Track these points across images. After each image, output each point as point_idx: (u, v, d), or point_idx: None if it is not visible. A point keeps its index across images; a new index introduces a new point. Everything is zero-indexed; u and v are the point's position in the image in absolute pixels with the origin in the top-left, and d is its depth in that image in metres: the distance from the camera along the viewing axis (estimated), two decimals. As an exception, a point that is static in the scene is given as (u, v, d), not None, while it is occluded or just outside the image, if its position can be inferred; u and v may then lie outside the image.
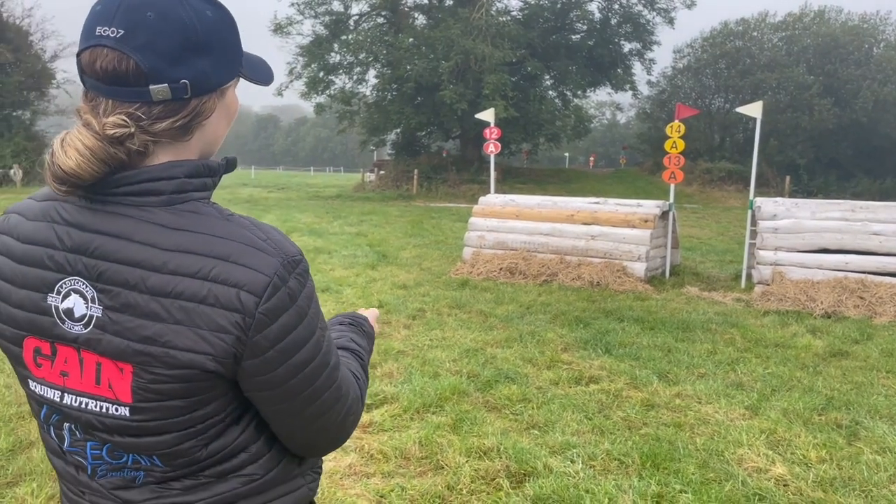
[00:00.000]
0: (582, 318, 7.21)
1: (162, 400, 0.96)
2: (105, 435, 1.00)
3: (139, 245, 0.93)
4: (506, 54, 29.21)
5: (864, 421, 4.41)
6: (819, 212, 8.78)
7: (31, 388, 1.04)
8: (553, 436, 4.10)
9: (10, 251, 1.01)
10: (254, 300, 0.92)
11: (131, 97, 0.93)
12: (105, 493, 1.04)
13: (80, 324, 0.95)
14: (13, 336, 1.02)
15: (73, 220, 0.96)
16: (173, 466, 1.01)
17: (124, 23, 0.91)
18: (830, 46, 36.81)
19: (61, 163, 0.91)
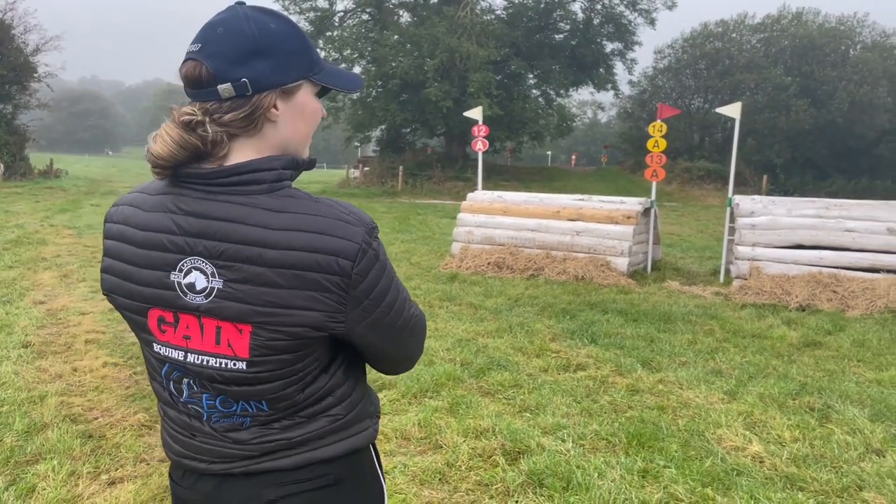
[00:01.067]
0: (568, 310, 7.47)
1: (275, 354, 1.17)
2: (222, 386, 1.20)
3: (253, 227, 1.13)
4: (490, 53, 29.47)
5: (836, 405, 4.69)
6: (795, 209, 9.10)
7: (156, 351, 1.24)
8: (544, 418, 4.34)
9: (130, 238, 1.21)
10: (349, 264, 1.14)
11: (206, 96, 1.14)
12: (216, 435, 1.25)
13: (200, 295, 1.16)
14: (138, 308, 1.22)
15: (189, 210, 1.15)
16: (276, 409, 1.23)
17: (202, 38, 1.15)
18: (808, 48, 37.49)
19: (151, 148, 1.14)
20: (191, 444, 1.28)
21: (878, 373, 5.52)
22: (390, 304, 1.24)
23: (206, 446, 1.26)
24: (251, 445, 1.24)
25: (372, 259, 1.17)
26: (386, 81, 31.44)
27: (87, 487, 3.31)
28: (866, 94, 34.86)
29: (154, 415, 4.23)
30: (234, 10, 1.17)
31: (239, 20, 1.15)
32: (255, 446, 1.24)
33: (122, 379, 4.91)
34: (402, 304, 1.27)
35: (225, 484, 1.27)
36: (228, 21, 1.15)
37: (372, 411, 1.38)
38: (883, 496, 3.39)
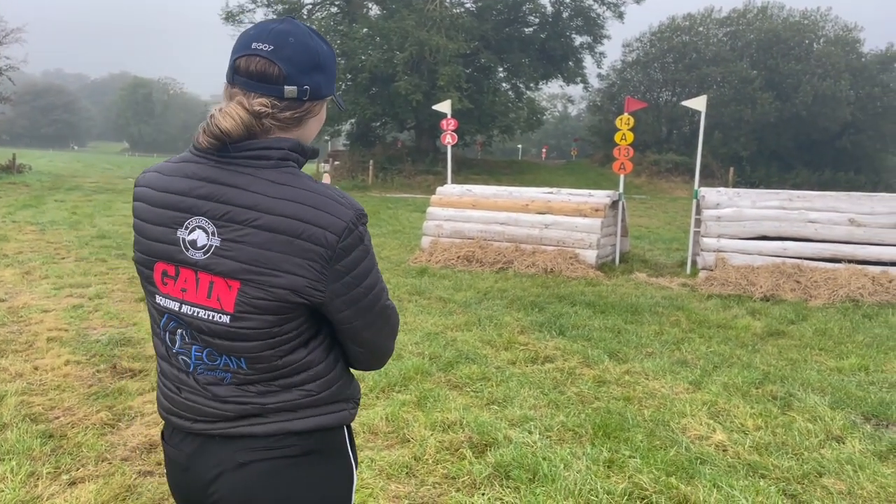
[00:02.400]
0: (537, 302, 7.50)
1: (257, 313, 1.28)
2: (208, 338, 1.32)
3: (254, 194, 1.27)
4: (460, 46, 29.42)
5: (798, 393, 4.78)
6: (759, 201, 9.25)
7: (157, 302, 1.37)
8: (512, 410, 4.36)
9: (148, 198, 1.37)
10: (335, 238, 1.26)
11: (269, 92, 1.30)
12: (199, 389, 1.36)
13: (200, 251, 1.29)
14: (147, 261, 1.37)
15: (202, 175, 1.31)
16: (254, 370, 1.33)
17: (274, 41, 1.30)
18: (773, 41, 38.03)
19: (219, 124, 1.27)
20: (178, 401, 1.40)
21: (839, 361, 5.63)
22: (369, 287, 1.35)
23: (191, 403, 1.38)
24: (229, 404, 1.34)
25: (357, 239, 1.30)
26: (355, 75, 31.23)
27: (47, 488, 3.24)
28: (829, 87, 35.46)
29: (116, 413, 4.17)
30: (297, 24, 1.34)
31: (306, 35, 1.33)
32: (233, 406, 1.34)
33: (84, 377, 4.82)
34: (380, 291, 1.38)
35: (206, 445, 1.37)
36: (296, 33, 1.32)
37: (349, 395, 1.45)
38: (842, 482, 3.46)
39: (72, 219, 14.19)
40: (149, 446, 3.73)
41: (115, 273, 8.59)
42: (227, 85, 1.34)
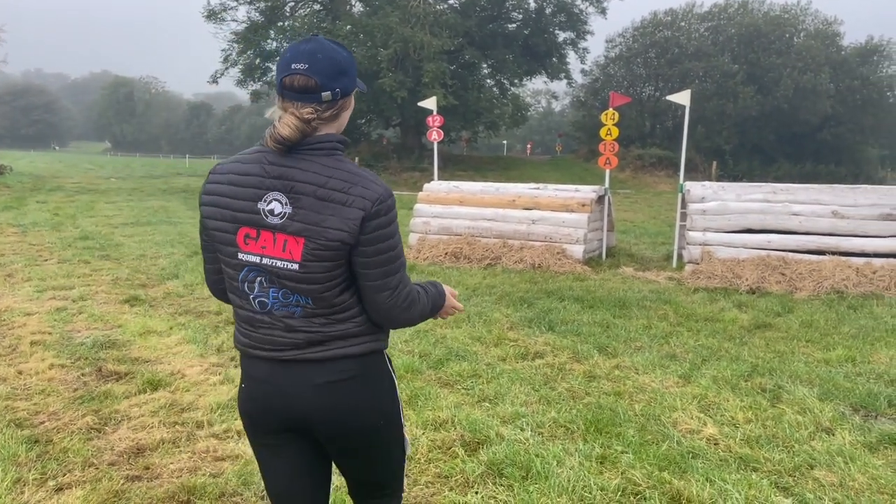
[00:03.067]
0: (525, 298, 7.50)
1: (318, 261, 1.71)
2: (284, 281, 1.74)
3: (313, 174, 1.71)
4: (444, 42, 29.38)
5: (787, 385, 4.80)
6: (743, 194, 9.29)
7: (239, 258, 1.77)
8: (503, 407, 4.35)
9: (233, 181, 1.77)
10: (369, 204, 1.71)
11: (312, 100, 1.72)
12: (275, 323, 1.78)
13: (277, 217, 1.71)
14: (232, 227, 1.76)
15: (275, 162, 1.73)
16: (318, 306, 1.76)
17: (307, 60, 1.71)
18: (753, 36, 38.30)
19: (281, 132, 1.69)
20: (255, 336, 1.81)
21: (826, 352, 5.67)
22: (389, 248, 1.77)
23: (266, 336, 1.79)
24: (299, 333, 1.76)
25: (385, 209, 1.75)
26: (339, 72, 31.09)
27: (34, 495, 3.19)
28: (810, 80, 35.77)
29: (102, 417, 4.11)
30: (321, 41, 1.76)
31: (329, 49, 1.75)
32: (302, 334, 1.76)
33: (69, 381, 4.76)
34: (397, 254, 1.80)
35: (281, 367, 1.79)
36: (322, 50, 1.74)
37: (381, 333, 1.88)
38: (833, 474, 3.47)
39: (54, 220, 14.03)
40: (136, 451, 3.68)
41: (99, 274, 8.49)
42: (279, 97, 1.76)
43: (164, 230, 12.75)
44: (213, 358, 5.32)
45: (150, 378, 4.74)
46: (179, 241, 11.36)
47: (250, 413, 1.89)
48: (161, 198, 20.90)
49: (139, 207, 17.32)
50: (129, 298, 7.20)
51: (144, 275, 8.55)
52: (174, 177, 34.31)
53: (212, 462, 3.57)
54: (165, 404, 4.33)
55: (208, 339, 5.80)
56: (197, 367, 5.09)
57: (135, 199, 19.91)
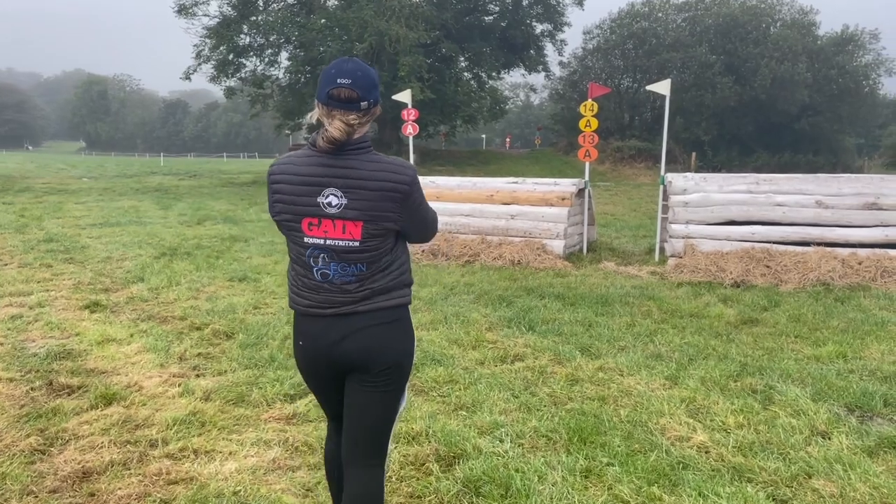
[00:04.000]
0: (505, 296, 7.25)
1: (373, 237, 2.17)
2: (344, 255, 2.18)
3: (361, 170, 2.13)
4: (420, 35, 29.02)
5: (777, 385, 4.59)
6: (726, 185, 9.10)
7: (305, 241, 2.20)
8: (481, 416, 4.09)
9: (292, 181, 2.18)
10: (406, 187, 2.18)
11: (354, 109, 2.12)
12: (335, 288, 2.22)
13: (335, 208, 2.14)
14: (296, 218, 2.19)
15: (328, 164, 2.14)
16: (370, 269, 2.22)
17: (350, 76, 2.12)
18: (731, 26, 38.30)
19: (332, 135, 2.09)
20: (316, 298, 2.24)
21: (816, 348, 5.47)
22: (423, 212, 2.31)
23: (328, 298, 2.22)
24: (355, 294, 2.21)
25: (416, 186, 2.23)
26: (314, 66, 30.63)
27: (-38, 531, 2.88)
28: (787, 70, 35.84)
29: (48, 437, 3.79)
30: (358, 62, 2.17)
31: (366, 68, 2.17)
32: (356, 294, 2.21)
33: (16, 396, 4.43)
34: (426, 212, 2.34)
35: (335, 320, 2.23)
36: (361, 68, 2.15)
37: (409, 280, 2.37)
38: (832, 483, 3.25)
39: (19, 222, 13.56)
40: (82, 475, 3.37)
41: (60, 279, 8.12)
42: (323, 105, 2.15)
43: (133, 231, 12.35)
44: (173, 367, 5.01)
45: (104, 392, 4.42)
46: (148, 241, 10.98)
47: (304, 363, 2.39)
48: (133, 197, 20.41)
49: (109, 208, 16.85)
50: (89, 304, 6.85)
51: (108, 278, 8.19)
52: (148, 176, 33.70)
53: (163, 486, 3.27)
54: (118, 421, 4.02)
55: (170, 346, 5.49)
56: (155, 379, 4.78)
57: (105, 199, 19.41)
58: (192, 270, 8.61)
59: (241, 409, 4.25)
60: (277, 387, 4.55)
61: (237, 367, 5.04)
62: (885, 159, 47.18)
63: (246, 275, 8.34)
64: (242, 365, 5.08)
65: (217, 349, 5.50)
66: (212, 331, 5.94)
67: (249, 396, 4.45)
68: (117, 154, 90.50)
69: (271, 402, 4.35)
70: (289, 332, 5.88)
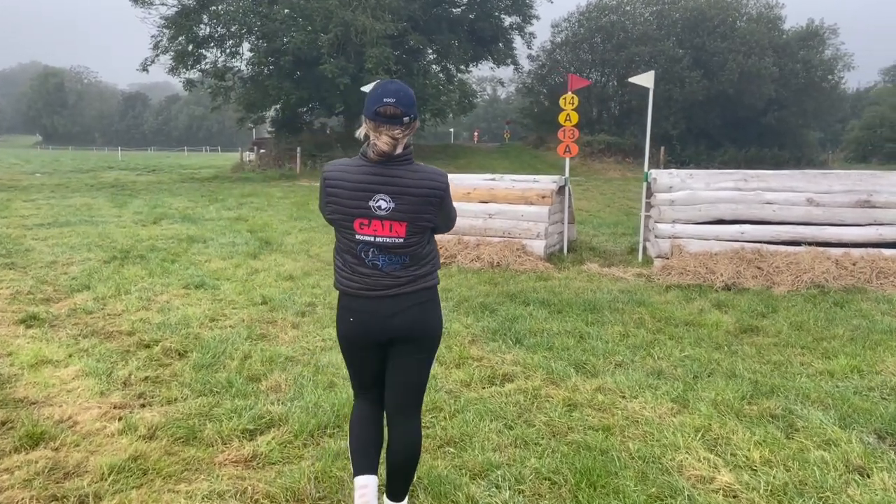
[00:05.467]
0: (487, 304, 6.72)
1: (416, 234, 2.59)
2: (391, 249, 2.58)
3: (406, 179, 2.53)
4: (387, 27, 28.32)
5: (796, 408, 4.13)
6: (713, 182, 8.69)
7: (357, 238, 2.57)
8: (472, 454, 3.55)
9: (345, 186, 2.55)
10: (442, 193, 2.61)
11: (398, 125, 2.48)
12: (385, 275, 2.60)
13: (384, 210, 2.52)
14: (348, 219, 2.57)
15: (378, 173, 2.52)
16: (412, 260, 2.63)
17: (395, 96, 2.47)
18: (698, 20, 38.25)
19: (382, 148, 2.47)
20: (367, 282, 2.61)
21: (827, 362, 5.04)
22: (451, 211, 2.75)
23: (378, 281, 2.60)
24: (401, 278, 2.61)
25: (447, 192, 2.64)
26: (278, 58, 29.77)
27: None
28: (754, 64, 35.89)
29: (-44, 494, 3.15)
30: (400, 83, 2.53)
31: (406, 88, 2.53)
32: (402, 279, 2.61)
33: (-74, 437, 3.77)
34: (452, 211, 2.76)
35: (382, 300, 2.61)
36: (403, 88, 2.51)
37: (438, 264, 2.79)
38: (888, 538, 2.78)
39: (-42, 222, 12.64)
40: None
41: (-3, 288, 7.37)
42: (370, 121, 2.49)
43: (84, 231, 11.54)
44: (115, 396, 4.38)
45: (31, 430, 3.79)
46: (99, 243, 10.21)
47: (353, 336, 2.71)
48: (87, 194, 19.43)
49: (60, 206, 15.92)
50: (26, 318, 6.15)
51: (51, 286, 7.47)
52: (104, 171, 32.50)
53: (91, 562, 2.68)
54: (44, 468, 3.39)
55: (113, 369, 4.85)
56: (94, 411, 4.15)
57: (57, 196, 18.42)
58: (143, 276, 7.92)
59: (191, 450, 3.65)
60: (235, 420, 3.96)
61: (189, 393, 4.43)
62: (847, 153, 47.83)
63: (203, 281, 7.68)
64: (195, 391, 4.47)
65: (167, 371, 4.88)
66: (162, 349, 5.30)
67: (202, 432, 3.85)
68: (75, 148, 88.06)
69: (227, 440, 3.76)
70: (249, 350, 5.28)
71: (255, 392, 4.45)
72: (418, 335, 2.67)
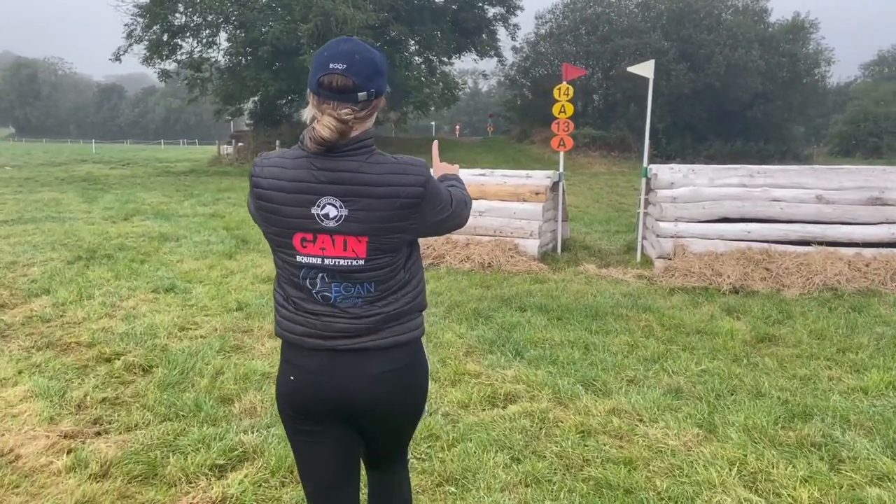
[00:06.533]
0: (480, 309, 6.23)
1: (383, 253, 1.82)
2: (347, 275, 1.82)
3: (364, 174, 1.77)
4: (368, 16, 27.66)
5: (836, 434, 3.68)
6: (717, 178, 8.26)
7: (298, 260, 1.82)
8: (477, 496, 3.06)
9: (280, 187, 1.79)
10: (420, 190, 1.81)
11: (349, 100, 1.75)
12: (339, 312, 1.83)
13: (333, 220, 1.77)
14: (286, 233, 1.82)
15: (322, 166, 1.77)
16: (379, 290, 1.85)
17: (346, 61, 1.74)
18: (684, 12, 37.87)
19: (321, 134, 1.72)
20: (314, 324, 1.84)
21: (858, 377, 4.61)
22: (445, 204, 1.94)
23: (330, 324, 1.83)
24: (361, 319, 1.83)
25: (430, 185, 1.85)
26: (256, 48, 28.96)
27: None
28: (741, 57, 35.59)
29: None
30: (357, 42, 1.80)
31: (367, 51, 1.78)
32: (364, 319, 1.83)
33: None
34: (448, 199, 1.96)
35: (339, 356, 1.84)
36: (360, 51, 1.77)
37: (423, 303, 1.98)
38: None
39: (-84, 218, 11.92)
40: None
41: (-54, 292, 6.75)
42: (314, 95, 1.78)
43: (49, 228, 10.89)
44: (66, 423, 3.84)
45: (-39, 469, 3.25)
46: (63, 242, 9.58)
47: (298, 403, 1.90)
48: (56, 188, 18.67)
49: (27, 201, 15.20)
50: (-26, 328, 5.58)
51: (8, 290, 6.86)
52: (77, 164, 31.57)
53: None
54: (-28, 520, 2.87)
55: (67, 389, 4.31)
56: (41, 441, 3.61)
57: (25, 191, 17.66)
58: (109, 279, 7.34)
59: (150, 491, 3.13)
60: (203, 453, 3.44)
61: (151, 419, 3.90)
62: (831, 147, 47.90)
63: (174, 284, 7.11)
64: (159, 415, 3.94)
65: (128, 391, 4.34)
66: (124, 364, 4.76)
67: (164, 468, 3.32)
68: (49, 140, 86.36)
69: (193, 478, 3.24)
70: (221, 365, 4.74)
71: (227, 416, 3.93)
72: (392, 415, 1.94)
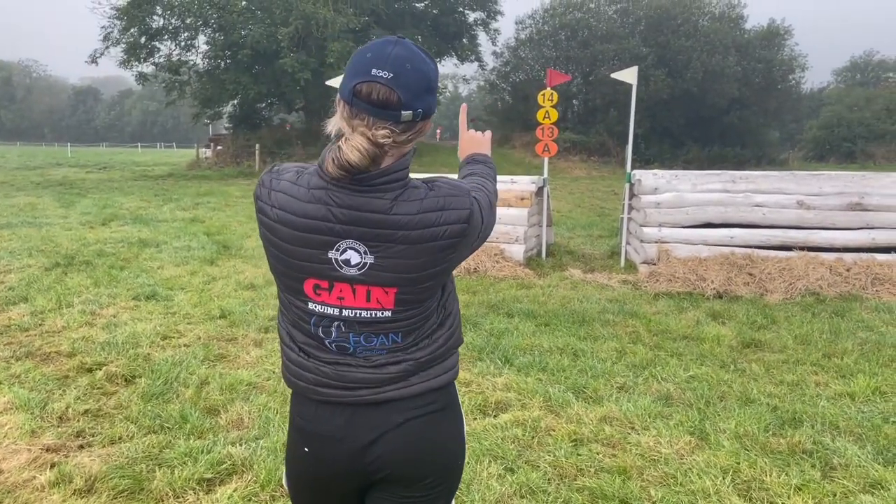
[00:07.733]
0: (468, 316, 6.20)
1: (415, 303, 1.50)
2: (368, 328, 1.50)
3: (396, 216, 1.41)
4: (349, 20, 27.60)
5: (827, 441, 3.70)
6: (700, 184, 8.31)
7: (310, 308, 1.50)
8: (472, 508, 3.03)
9: (290, 223, 1.45)
10: (464, 226, 1.46)
11: (389, 118, 1.39)
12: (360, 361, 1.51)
13: (355, 268, 1.44)
14: (297, 277, 1.50)
15: (343, 203, 1.41)
16: (405, 339, 1.53)
17: (393, 68, 1.37)
18: (662, 18, 38.23)
19: (348, 158, 1.36)
20: (333, 375, 1.52)
21: (845, 382, 4.64)
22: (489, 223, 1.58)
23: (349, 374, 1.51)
24: (386, 370, 1.51)
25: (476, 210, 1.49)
26: (235, 52, 28.79)
27: None
28: (718, 63, 35.99)
29: None
30: (410, 47, 1.42)
31: (421, 60, 1.42)
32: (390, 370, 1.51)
33: None
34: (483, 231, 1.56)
35: (358, 412, 1.52)
36: (412, 58, 1.40)
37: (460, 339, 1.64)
38: None
39: None
40: None
41: (-80, 300, 6.60)
42: (345, 104, 1.41)
43: (25, 234, 10.69)
44: (48, 436, 3.74)
45: (-60, 485, 3.15)
46: (41, 248, 9.41)
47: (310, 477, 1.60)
48: (32, 193, 18.37)
49: (2, 206, 14.92)
50: (-50, 337, 5.44)
51: (-16, 298, 6.72)
52: (53, 168, 31.12)
53: None
54: (-48, 539, 2.78)
55: (48, 400, 4.21)
56: (22, 455, 3.52)
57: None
58: (89, 286, 7.21)
59: (136, 507, 3.06)
60: (190, 466, 3.37)
61: (136, 431, 3.82)
62: (806, 152, 48.52)
63: (155, 291, 7.00)
64: (143, 427, 3.86)
65: (111, 402, 4.25)
66: (106, 374, 4.66)
67: (150, 482, 3.25)
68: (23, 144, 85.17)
69: (181, 493, 3.17)
70: (206, 375, 4.67)
71: (214, 428, 3.86)
72: (422, 474, 1.56)
